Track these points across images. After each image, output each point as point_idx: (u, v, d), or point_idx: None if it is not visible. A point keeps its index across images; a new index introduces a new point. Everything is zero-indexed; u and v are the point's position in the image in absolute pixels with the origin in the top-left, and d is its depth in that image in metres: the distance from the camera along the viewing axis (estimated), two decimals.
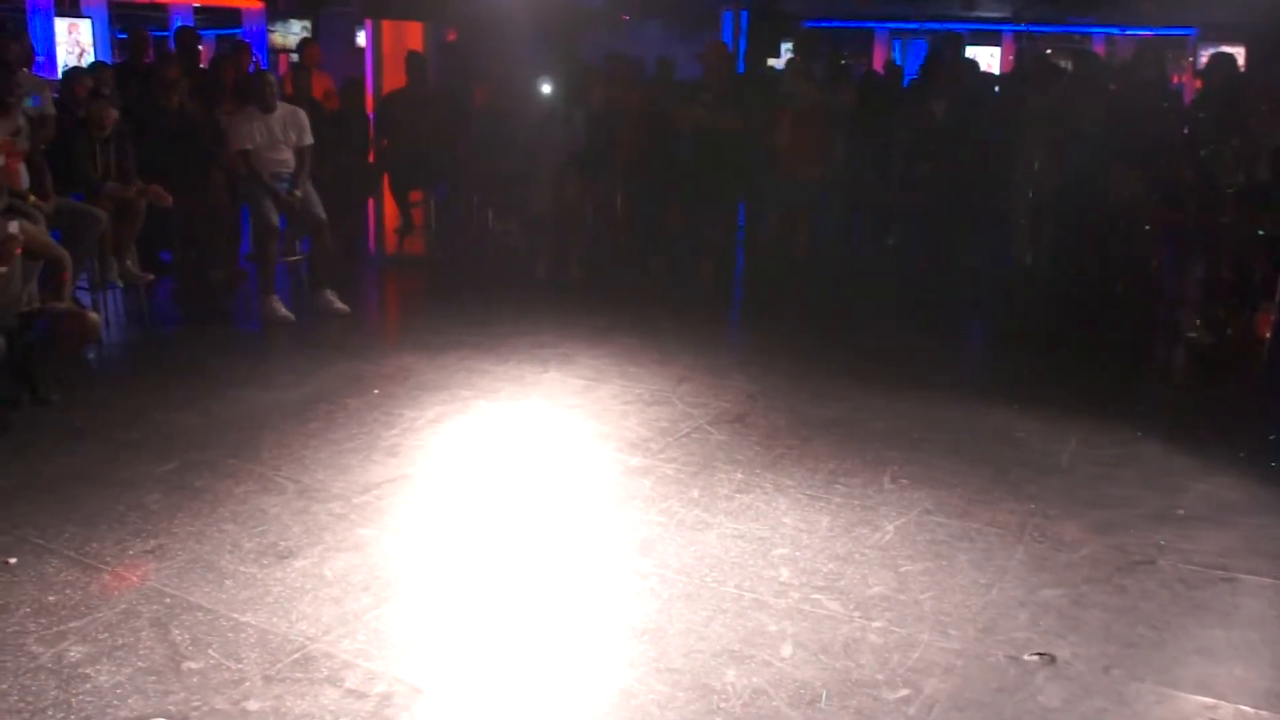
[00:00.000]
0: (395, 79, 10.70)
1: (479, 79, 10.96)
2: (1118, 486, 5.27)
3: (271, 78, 8.52)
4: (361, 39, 12.33)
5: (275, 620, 3.89)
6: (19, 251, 5.86)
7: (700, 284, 9.58)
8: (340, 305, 8.12)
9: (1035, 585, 4.23)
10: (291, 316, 7.98)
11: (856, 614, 4.00)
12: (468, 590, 4.18)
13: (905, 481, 5.23)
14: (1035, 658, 3.73)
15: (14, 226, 5.90)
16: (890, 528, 4.73)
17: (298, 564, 4.31)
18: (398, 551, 4.47)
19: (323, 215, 8.16)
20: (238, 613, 3.93)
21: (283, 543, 4.49)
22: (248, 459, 5.38)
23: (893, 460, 5.50)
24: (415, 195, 10.47)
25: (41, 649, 3.67)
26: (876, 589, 4.18)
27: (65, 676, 3.52)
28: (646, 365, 7.05)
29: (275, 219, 8.05)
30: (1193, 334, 7.79)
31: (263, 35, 18.02)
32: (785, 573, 4.31)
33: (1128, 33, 17.79)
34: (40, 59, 12.18)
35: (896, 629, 3.90)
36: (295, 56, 13.84)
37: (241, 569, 4.26)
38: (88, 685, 3.47)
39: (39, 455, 5.41)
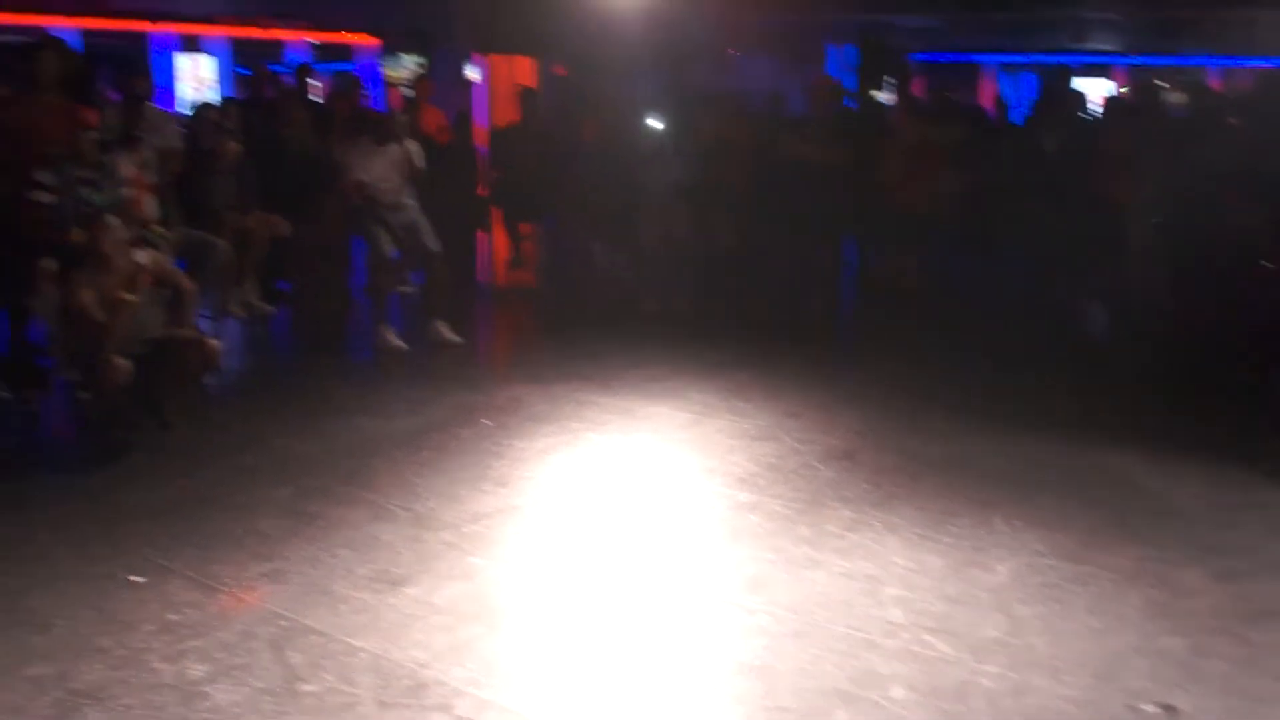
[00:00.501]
0: (506, 113, 10.85)
1: (588, 112, 11.07)
2: (1241, 533, 5.13)
3: (398, 115, 8.70)
4: (472, 73, 12.53)
5: (388, 646, 3.95)
6: (147, 280, 6.05)
7: (809, 319, 9.55)
8: (452, 336, 8.23)
9: (1153, 633, 4.14)
10: (404, 346, 8.11)
11: (969, 657, 3.94)
12: (576, 621, 4.20)
13: (1018, 523, 5.14)
14: (1155, 708, 3.64)
15: (143, 256, 6.10)
16: (1002, 570, 4.66)
17: (410, 591, 4.38)
18: (507, 581, 4.52)
19: (435, 247, 8.30)
20: (351, 637, 4.00)
21: (395, 570, 4.56)
22: (361, 486, 5.48)
23: (1004, 501, 5.41)
24: (526, 228, 10.60)
25: (164, 665, 3.78)
26: (989, 632, 4.12)
27: (186, 693, 3.61)
28: (755, 400, 7.03)
29: (389, 250, 8.21)
30: None
31: (376, 70, 18.42)
32: (896, 613, 4.26)
33: (1244, 64, 17.44)
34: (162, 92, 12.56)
35: (1010, 674, 3.83)
36: (408, 91, 14.14)
37: (355, 594, 4.34)
38: (207, 703, 3.56)
39: (161, 478, 5.57)
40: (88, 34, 14.35)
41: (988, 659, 3.93)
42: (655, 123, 10.66)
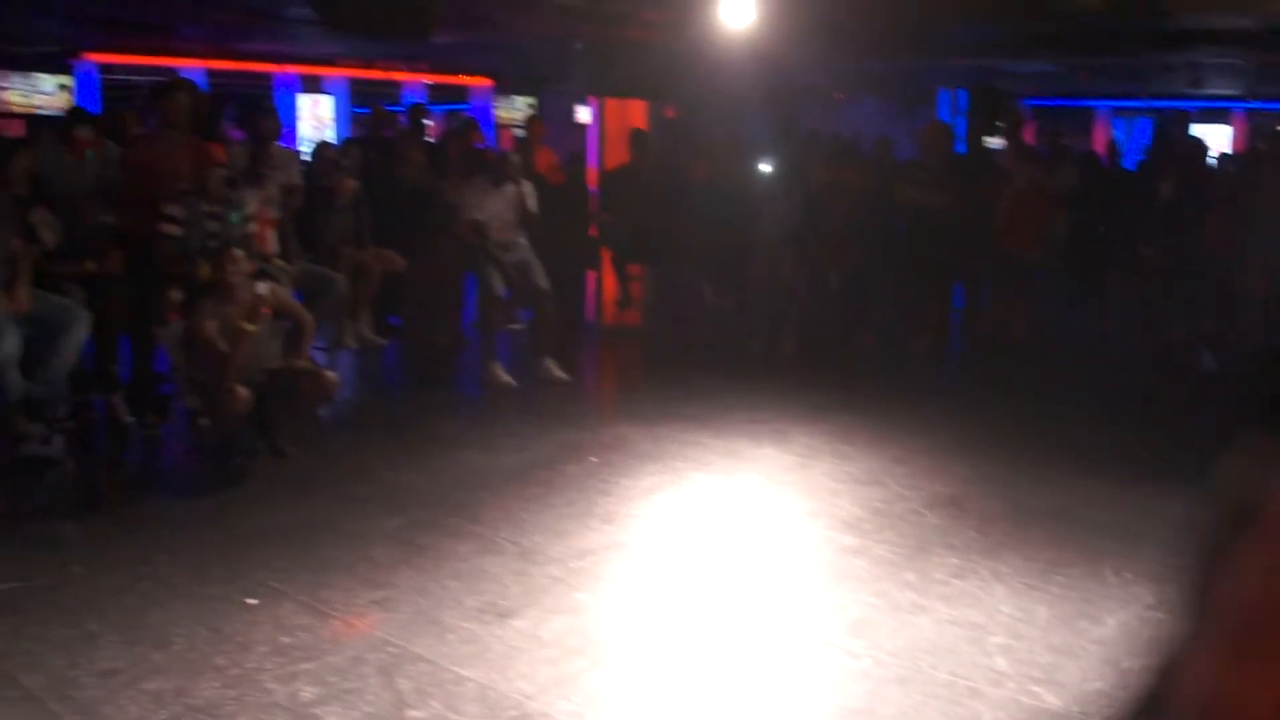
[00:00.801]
0: (617, 154, 10.98)
1: (698, 154, 11.15)
2: None
3: (511, 155, 8.87)
4: (583, 115, 12.70)
5: (494, 676, 4.00)
6: (267, 311, 6.24)
7: (916, 364, 9.49)
8: (560, 373, 8.33)
9: None
10: (513, 383, 8.21)
11: (1075, 709, 3.89)
12: (680, 659, 4.22)
13: (1128, 575, 5.05)
14: None
15: (263, 288, 6.29)
16: (1112, 622, 4.58)
17: (516, 623, 4.43)
18: (612, 617, 4.56)
19: (545, 285, 8.41)
20: (459, 666, 4.06)
21: (502, 602, 4.62)
22: (469, 519, 5.57)
23: (1114, 552, 5.32)
24: (634, 269, 10.70)
25: (277, 686, 3.87)
26: (1097, 684, 4.05)
27: (298, 715, 3.70)
28: (861, 444, 7.01)
29: (499, 288, 8.34)
30: None
31: (489, 111, 18.74)
32: (1002, 662, 4.22)
33: None
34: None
35: None
36: (521, 132, 14.37)
37: (463, 625, 4.40)
38: None
39: (276, 504, 5.73)
40: (215, 75, 14.82)
41: (1095, 712, 3.86)
42: (765, 165, 10.71)
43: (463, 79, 18.67)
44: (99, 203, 6.98)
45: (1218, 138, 17.47)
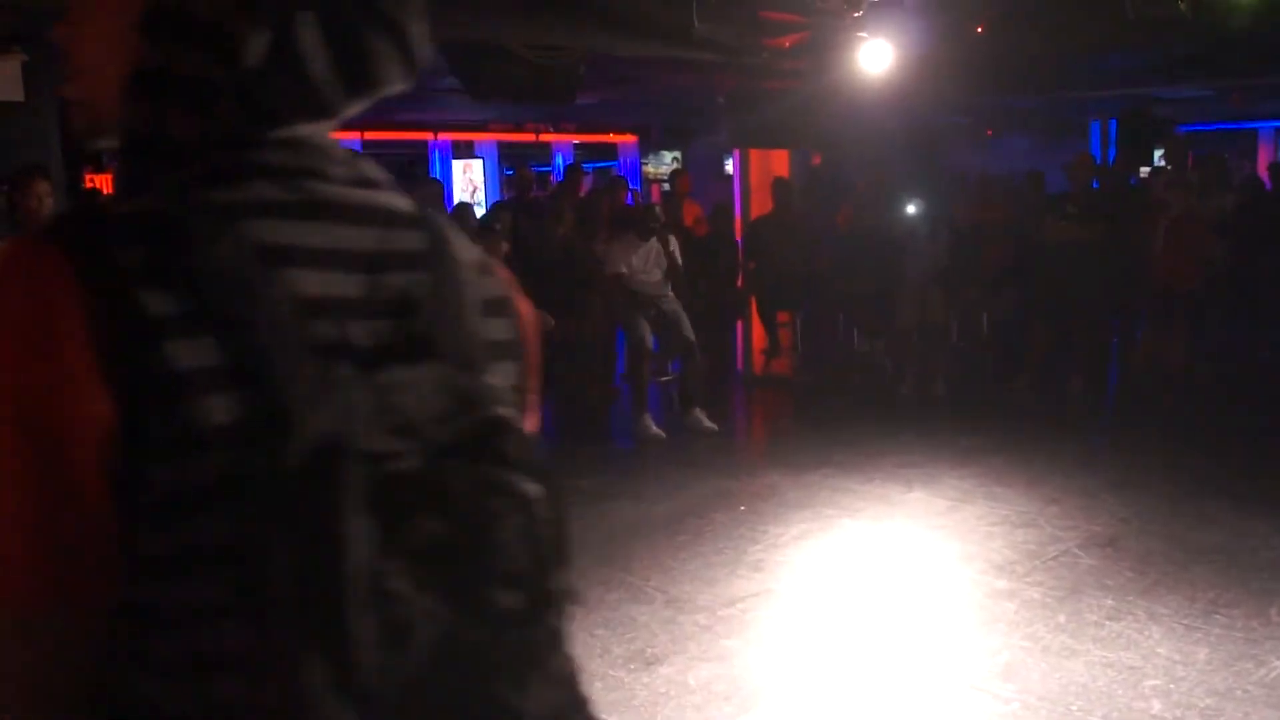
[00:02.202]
0: (762, 204, 11.07)
1: (843, 199, 11.19)
2: None
3: (655, 209, 9.04)
4: (729, 167, 12.84)
5: None
6: None
7: (1071, 401, 9.31)
8: (709, 424, 8.41)
9: None
10: (663, 434, 8.32)
11: None
12: (829, 705, 4.24)
13: None
14: None
15: None
16: (1277, 663, 4.44)
17: (663, 671, 4.50)
18: (760, 664, 4.59)
19: (692, 337, 8.52)
20: (606, 714, 4.09)
21: (650, 650, 4.70)
22: (619, 568, 5.67)
23: None
24: (782, 316, 10.75)
25: None
26: None
27: None
28: (1013, 486, 6.92)
29: (649, 341, 8.47)
30: None
31: (636, 166, 19.05)
32: (1157, 705, 4.13)
33: None
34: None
35: None
36: (667, 185, 14.59)
37: (610, 672, 4.49)
38: None
39: None
40: (371, 144, 15.41)
41: None
42: (911, 207, 10.67)
43: (609, 137, 19.03)
44: None
45: None
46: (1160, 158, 12.56)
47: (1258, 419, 8.54)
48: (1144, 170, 12.31)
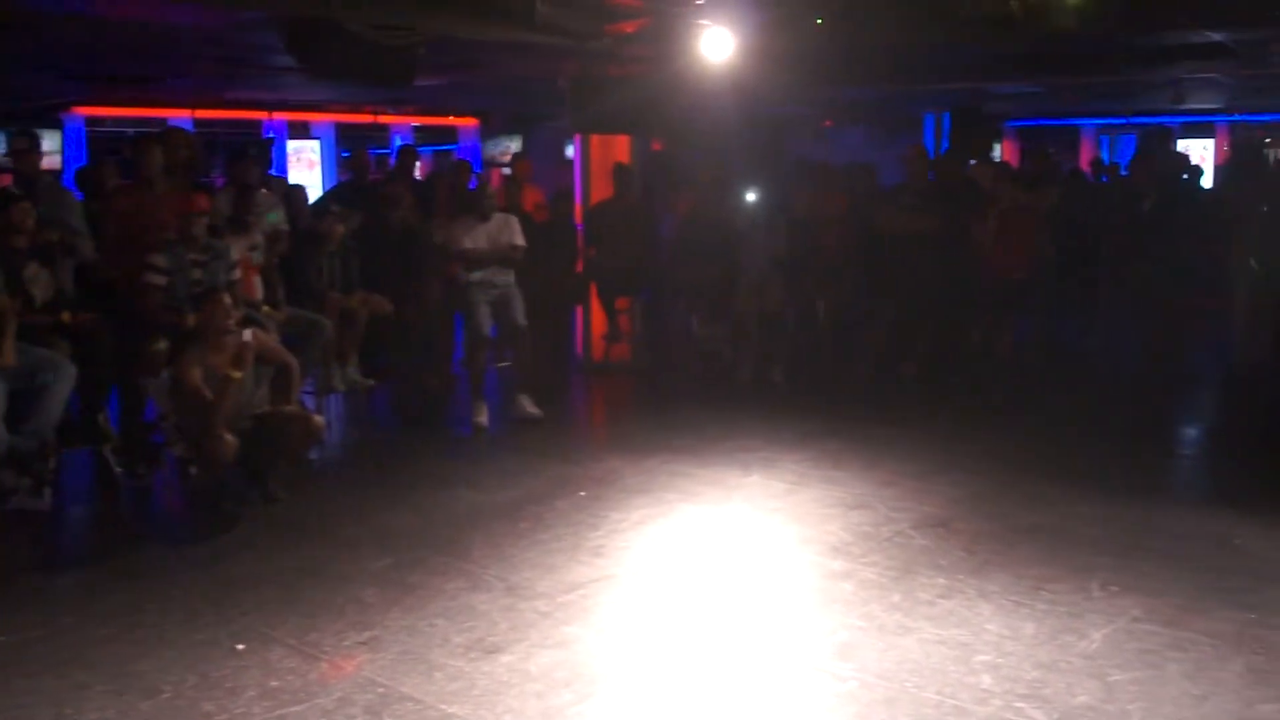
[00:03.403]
0: (603, 190, 11.03)
1: (684, 187, 11.21)
2: None
3: (490, 189, 8.92)
4: (571, 152, 12.78)
5: (481, 713, 4.01)
6: (252, 359, 6.27)
7: (906, 388, 9.51)
8: (533, 410, 8.32)
9: (1253, 699, 4.04)
10: (501, 421, 8.22)
11: None
12: (668, 690, 4.22)
13: (1115, 588, 5.07)
14: None
15: (249, 334, 6.32)
16: (1098, 636, 4.59)
17: (504, 659, 4.44)
18: (601, 650, 4.56)
19: (522, 323, 8.41)
20: (446, 704, 4.07)
21: (490, 638, 4.63)
22: (459, 557, 5.58)
23: (1102, 567, 5.34)
24: (622, 302, 10.74)
25: None
26: (1082, 698, 4.06)
27: None
28: (849, 469, 7.03)
29: (487, 327, 8.36)
30: None
31: (477, 150, 18.85)
32: (987, 680, 4.22)
33: None
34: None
35: None
36: (508, 170, 14.46)
37: (450, 662, 4.41)
38: None
39: (266, 549, 5.74)
40: (202, 123, 14.93)
41: None
42: (750, 195, 10.76)
43: (450, 119, 18.78)
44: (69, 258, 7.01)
45: (1201, 151, 17.55)
46: (990, 152, 12.89)
47: (1082, 404, 8.84)
48: (974, 163, 12.59)
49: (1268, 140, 17.24)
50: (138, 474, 6.91)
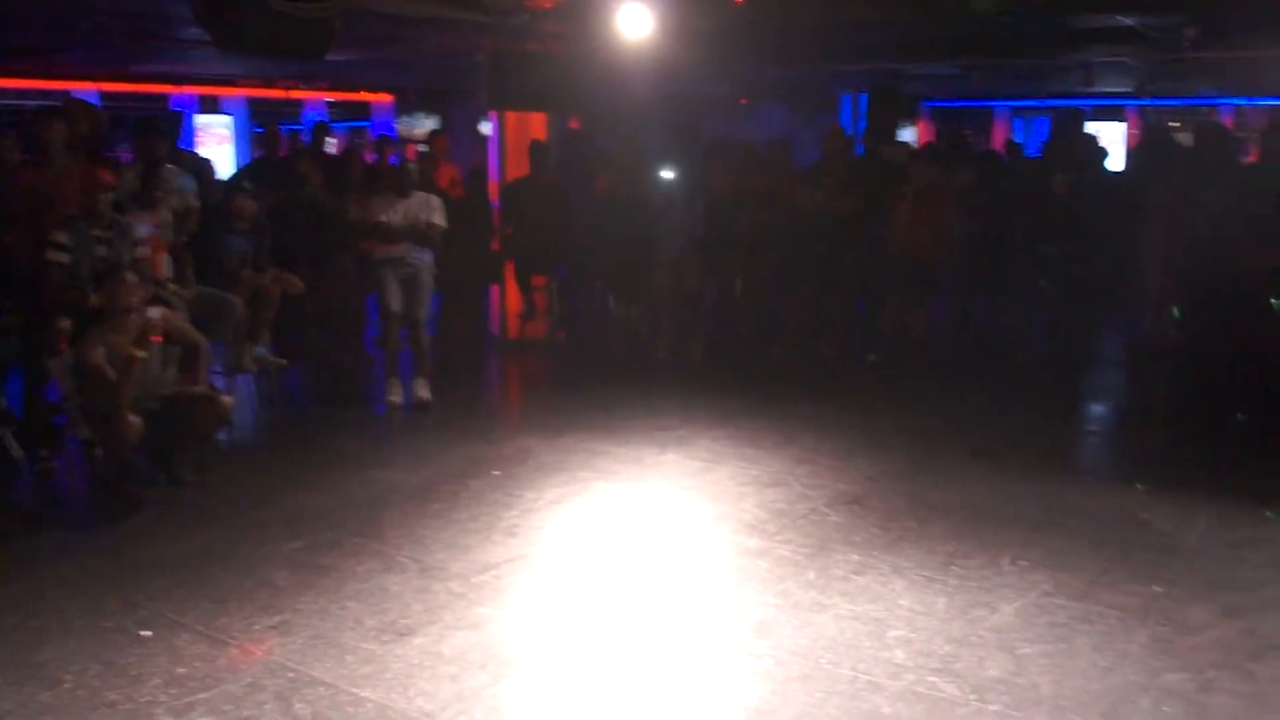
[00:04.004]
0: (519, 167, 10.95)
1: (601, 165, 11.15)
2: (1247, 569, 5.12)
3: (410, 166, 8.80)
4: (486, 129, 12.66)
5: (394, 696, 3.96)
6: (159, 338, 6.13)
7: (820, 367, 9.56)
8: (424, 395, 8.19)
9: (1159, 669, 4.12)
10: (399, 402, 8.11)
11: (973, 697, 3.94)
12: (584, 670, 4.21)
13: (1025, 563, 5.15)
14: None
15: (155, 313, 6.18)
16: (1008, 610, 4.65)
17: (417, 641, 4.40)
18: (515, 630, 4.53)
19: (423, 315, 8.30)
20: (358, 688, 4.02)
21: (403, 620, 4.58)
22: (371, 538, 5.51)
23: (1013, 542, 5.42)
24: (538, 280, 10.67)
25: (170, 719, 3.80)
26: (993, 671, 4.11)
27: None
28: (765, 447, 7.06)
29: (398, 304, 8.24)
30: None
31: (391, 127, 18.63)
32: (900, 655, 4.26)
33: (1258, 103, 17.44)
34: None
35: (1013, 712, 3.83)
36: (424, 147, 14.30)
37: (362, 645, 4.36)
38: None
39: (174, 533, 5.62)
40: (108, 97, 14.58)
41: (992, 699, 3.92)
42: (668, 174, 10.74)
43: (364, 95, 18.54)
44: None
45: (1112, 134, 17.81)
46: (901, 131, 12.94)
47: (994, 384, 8.96)
48: (890, 143, 12.66)
49: (1175, 125, 17.52)
50: (40, 456, 6.72)
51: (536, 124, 11.33)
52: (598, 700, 3.98)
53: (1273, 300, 8.03)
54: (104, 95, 14.49)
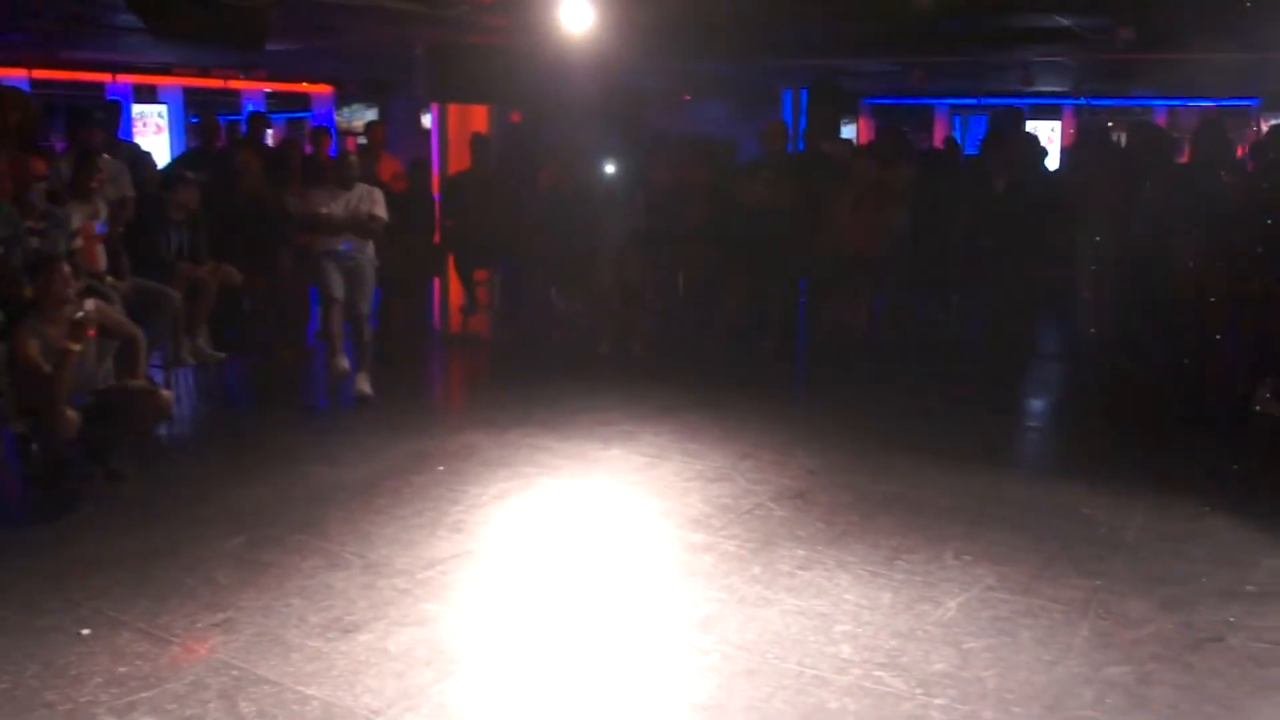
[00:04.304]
0: (460, 160, 10.90)
1: (543, 159, 11.13)
2: (1185, 562, 5.20)
3: (352, 158, 8.71)
4: (427, 121, 12.58)
5: (340, 694, 3.93)
6: (93, 332, 6.02)
7: (762, 362, 9.60)
8: (365, 388, 8.09)
9: (1100, 663, 4.18)
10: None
11: (919, 691, 3.97)
12: (530, 665, 4.20)
13: (968, 558, 5.20)
14: None
15: (90, 305, 6.07)
16: (953, 604, 4.70)
17: (362, 638, 4.36)
18: (461, 626, 4.51)
19: (365, 310, 8.23)
20: (303, 686, 3.98)
21: (348, 617, 4.54)
22: (315, 534, 5.46)
23: (956, 536, 5.47)
24: (480, 274, 10.62)
25: (112, 719, 3.74)
26: (939, 666, 4.15)
27: None
28: (709, 442, 7.07)
29: (340, 291, 8.16)
30: (1260, 407, 7.69)
31: (331, 118, 18.45)
32: (846, 649, 4.29)
33: (1190, 104, 17.73)
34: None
35: (959, 706, 3.86)
36: (363, 139, 14.18)
37: (307, 643, 4.32)
38: None
39: (112, 530, 5.53)
40: (40, 84, 14.31)
41: (937, 693, 3.95)
42: (610, 168, 10.74)
43: (303, 86, 18.34)
44: None
45: (1048, 133, 18.05)
46: (841, 127, 12.98)
47: (933, 378, 9.03)
48: (830, 138, 12.73)
49: (1110, 124, 17.77)
50: None
51: (479, 117, 11.28)
52: (545, 696, 3.97)
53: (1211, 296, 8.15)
54: (34, 82, 14.22)
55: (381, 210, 8.39)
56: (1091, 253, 9.63)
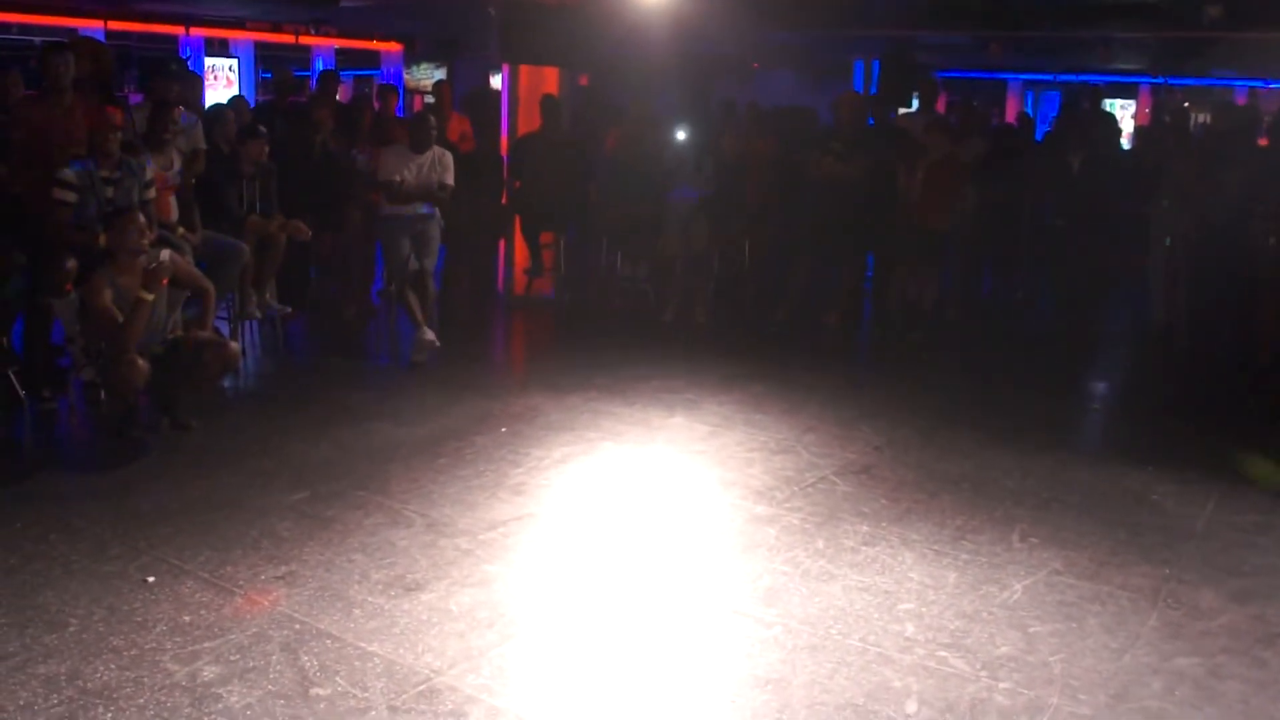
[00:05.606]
0: (529, 122, 10.85)
1: (611, 123, 11.06)
2: (1258, 554, 5.09)
3: (431, 119, 8.68)
4: (496, 82, 12.53)
5: (401, 651, 3.93)
6: (166, 281, 6.05)
7: (828, 333, 9.52)
8: (431, 338, 8.05)
9: (1169, 653, 4.10)
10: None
11: (983, 674, 3.91)
12: (591, 631, 4.18)
13: (1034, 540, 5.11)
14: None
15: (164, 255, 6.10)
16: (1018, 587, 4.63)
17: (424, 597, 4.36)
18: (522, 589, 4.50)
19: (430, 265, 8.23)
20: (365, 642, 3.98)
21: (410, 575, 4.55)
22: (377, 491, 5.47)
23: (1022, 519, 5.39)
24: (546, 237, 10.59)
25: (176, 667, 3.77)
26: (1004, 649, 4.09)
27: (198, 695, 3.60)
28: (773, 414, 7.02)
29: (407, 255, 8.18)
30: None
31: (399, 77, 18.47)
32: (910, 628, 4.23)
33: (1271, 85, 17.36)
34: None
35: (1024, 690, 3.80)
36: (429, 98, 14.17)
37: (369, 599, 4.32)
38: (219, 705, 3.55)
39: (177, 480, 5.57)
40: (114, 35, 14.43)
41: (1002, 676, 3.89)
42: (679, 135, 10.65)
43: (373, 44, 18.38)
44: None
45: (1123, 112, 17.75)
46: (915, 101, 12.82)
47: (1002, 356, 8.92)
48: (903, 112, 12.57)
49: (1186, 104, 17.44)
50: (43, 398, 6.67)
51: (549, 78, 11.22)
52: (605, 663, 3.95)
53: None
54: (109, 34, 14.35)
55: (450, 178, 8.37)
56: (1168, 234, 9.45)
